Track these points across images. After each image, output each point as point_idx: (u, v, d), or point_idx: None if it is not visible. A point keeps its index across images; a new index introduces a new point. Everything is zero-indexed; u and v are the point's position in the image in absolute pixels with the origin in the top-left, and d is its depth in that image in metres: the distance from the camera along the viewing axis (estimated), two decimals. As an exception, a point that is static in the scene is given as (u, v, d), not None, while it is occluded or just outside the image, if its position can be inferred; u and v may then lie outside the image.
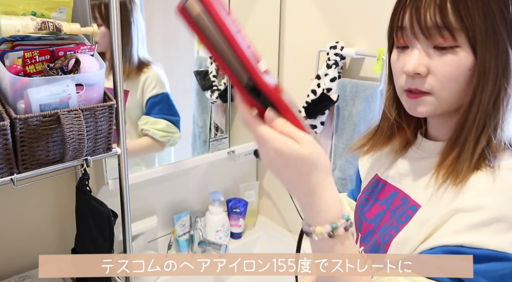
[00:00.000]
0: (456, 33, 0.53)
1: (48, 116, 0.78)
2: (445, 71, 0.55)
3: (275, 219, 1.68)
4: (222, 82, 1.47)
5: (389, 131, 0.70)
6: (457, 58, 0.54)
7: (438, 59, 0.55)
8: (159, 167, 1.33)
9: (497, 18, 0.53)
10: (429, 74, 0.57)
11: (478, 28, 0.53)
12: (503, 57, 0.54)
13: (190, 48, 1.44)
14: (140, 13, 1.21)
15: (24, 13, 0.83)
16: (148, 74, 1.23)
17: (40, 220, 1.15)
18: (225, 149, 1.49)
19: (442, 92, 0.57)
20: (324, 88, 1.24)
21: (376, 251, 0.64)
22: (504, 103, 0.55)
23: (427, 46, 0.56)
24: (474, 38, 0.53)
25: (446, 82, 0.56)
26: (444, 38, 0.54)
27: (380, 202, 0.69)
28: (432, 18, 0.54)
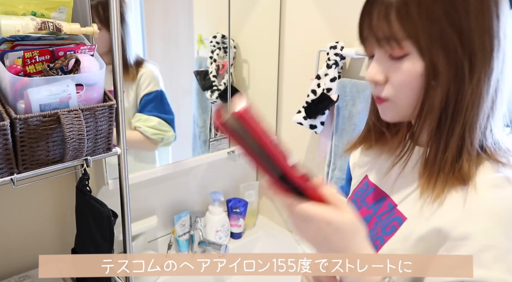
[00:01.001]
0: (402, 42, 0.54)
1: (48, 116, 0.78)
2: (399, 79, 0.56)
3: (275, 219, 1.68)
4: (222, 82, 1.48)
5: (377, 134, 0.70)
6: (409, 65, 0.55)
7: (393, 67, 0.57)
8: (159, 167, 1.33)
9: (443, 21, 0.52)
10: (387, 82, 0.58)
11: (423, 34, 0.53)
12: (455, 60, 0.53)
13: (190, 48, 1.44)
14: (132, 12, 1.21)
15: (24, 13, 0.83)
16: (142, 72, 1.23)
17: (40, 220, 1.15)
18: (225, 149, 1.49)
19: (399, 99, 0.58)
20: (324, 88, 1.24)
21: None
22: (469, 103, 0.54)
23: (384, 55, 0.57)
24: (420, 44, 0.53)
25: (400, 89, 0.57)
26: (393, 48, 0.55)
27: (368, 206, 0.69)
28: (381, 30, 0.55)
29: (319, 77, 1.26)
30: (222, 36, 1.44)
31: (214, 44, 1.44)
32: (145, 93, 1.23)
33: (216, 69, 1.46)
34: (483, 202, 0.52)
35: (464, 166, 0.55)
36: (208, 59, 1.46)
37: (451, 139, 0.55)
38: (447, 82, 0.54)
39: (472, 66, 0.53)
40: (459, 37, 0.52)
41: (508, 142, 0.58)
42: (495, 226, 0.50)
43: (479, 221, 0.51)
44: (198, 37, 1.43)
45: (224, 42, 1.44)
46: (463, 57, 0.53)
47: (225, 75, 1.47)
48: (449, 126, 0.55)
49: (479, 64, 0.53)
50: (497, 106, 0.56)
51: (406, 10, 0.53)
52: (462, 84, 0.53)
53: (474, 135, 0.55)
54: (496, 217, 0.51)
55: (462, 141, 0.55)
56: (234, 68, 1.51)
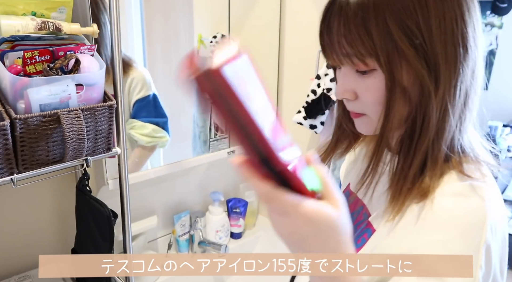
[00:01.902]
0: (365, 59, 0.52)
1: (48, 116, 0.78)
2: (368, 95, 0.54)
3: (275, 219, 1.68)
4: (222, 82, 1.47)
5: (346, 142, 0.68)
6: (375, 81, 0.53)
7: (361, 82, 0.55)
8: (159, 167, 1.33)
9: (402, 36, 0.50)
10: (358, 97, 0.56)
11: (380, 50, 0.50)
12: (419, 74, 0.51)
13: (190, 48, 1.44)
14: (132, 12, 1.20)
15: (24, 13, 0.83)
16: (133, 76, 1.21)
17: (40, 220, 1.15)
18: (225, 149, 1.49)
19: (372, 114, 0.56)
20: (324, 88, 1.24)
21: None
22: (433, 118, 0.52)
23: (350, 70, 0.55)
24: (380, 61, 0.51)
25: (372, 105, 0.55)
26: (357, 64, 0.53)
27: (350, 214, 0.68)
28: (342, 48, 0.53)
29: (319, 77, 1.26)
30: (222, 36, 1.43)
31: (214, 44, 1.44)
32: (137, 98, 1.22)
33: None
34: (441, 213, 0.50)
35: (426, 180, 0.53)
36: (208, 59, 1.45)
37: (416, 153, 0.53)
38: (413, 97, 0.52)
39: (437, 79, 0.51)
40: (421, 51, 0.50)
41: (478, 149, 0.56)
42: (455, 237, 0.49)
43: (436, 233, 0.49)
44: (198, 37, 1.43)
45: (224, 42, 1.44)
46: (427, 70, 0.51)
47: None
48: (416, 141, 0.53)
49: (444, 76, 0.51)
50: (466, 115, 0.54)
51: (365, 27, 0.50)
52: (428, 98, 0.51)
53: (439, 148, 0.53)
54: (455, 228, 0.49)
55: (427, 155, 0.53)
56: (234, 68, 1.51)
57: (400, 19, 0.50)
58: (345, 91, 0.56)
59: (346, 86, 0.56)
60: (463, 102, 0.53)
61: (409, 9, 0.49)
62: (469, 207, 0.50)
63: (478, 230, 0.49)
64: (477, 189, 0.51)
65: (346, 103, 0.59)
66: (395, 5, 0.50)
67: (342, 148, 0.69)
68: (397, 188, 0.54)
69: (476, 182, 0.52)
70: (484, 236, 0.48)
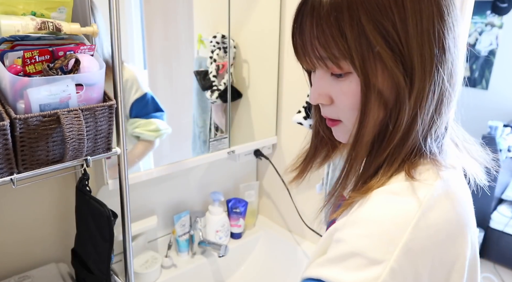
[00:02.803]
0: (339, 62, 0.50)
1: (48, 116, 0.78)
2: (343, 99, 0.53)
3: (275, 219, 1.68)
4: (222, 82, 1.47)
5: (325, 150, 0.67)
6: (351, 85, 0.51)
7: (336, 86, 0.53)
8: (159, 167, 1.33)
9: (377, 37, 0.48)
10: (333, 102, 0.54)
11: (355, 52, 0.48)
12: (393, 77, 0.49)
13: (190, 48, 1.44)
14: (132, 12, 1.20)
15: (24, 13, 0.83)
16: (127, 77, 1.21)
17: (40, 220, 1.15)
18: (225, 149, 1.49)
19: (349, 119, 0.54)
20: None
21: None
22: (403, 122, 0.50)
23: (324, 74, 0.53)
24: (354, 63, 0.49)
25: (347, 110, 0.53)
26: (331, 68, 0.51)
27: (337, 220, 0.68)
28: (315, 50, 0.51)
29: (319, 77, 1.26)
30: (222, 36, 1.43)
31: (214, 44, 1.44)
32: (135, 98, 1.22)
33: (216, 69, 1.46)
34: (368, 208, 0.49)
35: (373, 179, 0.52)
36: (208, 59, 1.45)
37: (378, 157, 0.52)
38: (389, 101, 0.50)
39: (412, 82, 0.49)
40: (397, 53, 0.48)
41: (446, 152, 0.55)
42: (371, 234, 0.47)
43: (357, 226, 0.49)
44: (198, 37, 1.43)
45: (224, 42, 1.44)
46: (403, 74, 0.49)
47: (225, 75, 1.47)
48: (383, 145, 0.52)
49: (419, 79, 0.49)
50: (437, 120, 0.52)
51: (338, 28, 0.48)
52: (402, 102, 0.50)
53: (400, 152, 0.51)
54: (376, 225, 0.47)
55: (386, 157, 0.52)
56: (234, 68, 1.51)
57: (376, 18, 0.47)
58: (319, 95, 0.54)
59: (321, 90, 0.54)
60: (434, 107, 0.51)
61: (384, 8, 0.47)
62: (398, 206, 0.48)
63: (398, 231, 0.46)
64: (416, 189, 0.49)
65: (322, 108, 0.57)
66: (370, 4, 0.47)
67: (321, 157, 0.67)
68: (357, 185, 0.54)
69: (418, 183, 0.50)
70: (404, 238, 0.46)
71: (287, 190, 1.53)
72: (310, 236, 1.52)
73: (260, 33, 1.50)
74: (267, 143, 1.58)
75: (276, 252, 1.56)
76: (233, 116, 1.55)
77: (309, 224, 1.50)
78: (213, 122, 1.53)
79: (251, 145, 1.54)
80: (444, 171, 0.52)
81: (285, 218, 1.64)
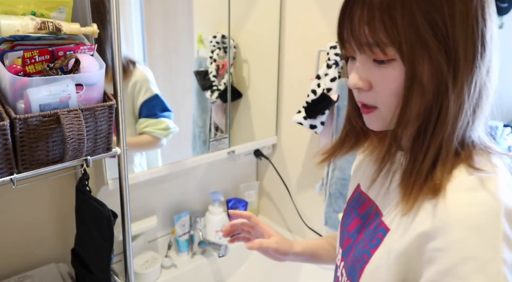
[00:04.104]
0: (386, 49, 0.52)
1: (48, 116, 0.78)
2: (384, 86, 0.54)
3: (275, 219, 1.68)
4: (222, 82, 1.48)
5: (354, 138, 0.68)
6: (393, 72, 0.53)
7: (377, 73, 0.54)
8: (159, 167, 1.33)
9: (427, 28, 0.50)
10: (372, 88, 0.56)
11: (405, 41, 0.50)
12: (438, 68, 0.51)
13: (190, 48, 1.44)
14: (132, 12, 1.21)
15: (23, 13, 0.83)
16: (136, 78, 1.22)
17: (40, 220, 1.15)
18: (225, 149, 1.49)
19: (386, 106, 0.55)
20: (324, 88, 1.24)
21: (353, 273, 0.63)
22: (449, 112, 0.52)
23: (367, 60, 0.55)
24: (402, 52, 0.51)
25: (386, 96, 0.54)
26: (376, 53, 0.53)
27: (360, 216, 0.67)
28: (363, 35, 0.53)
29: (319, 77, 1.26)
30: (222, 36, 1.43)
31: (214, 44, 1.44)
32: (144, 99, 1.23)
33: (216, 69, 1.46)
34: (454, 210, 0.50)
35: (437, 175, 0.53)
36: (208, 59, 1.45)
37: (430, 148, 0.53)
38: (428, 90, 0.52)
39: (455, 74, 0.51)
40: (443, 45, 0.51)
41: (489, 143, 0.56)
42: (471, 235, 0.48)
43: (453, 232, 0.49)
44: (198, 37, 1.43)
45: (224, 42, 1.44)
46: (447, 65, 0.51)
47: (225, 75, 1.47)
48: (430, 136, 0.53)
49: (462, 72, 0.51)
50: (480, 110, 0.54)
51: (390, 16, 0.50)
52: (445, 92, 0.51)
53: (452, 143, 0.53)
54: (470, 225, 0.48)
55: (439, 150, 0.53)
56: (234, 68, 1.51)
57: (427, 10, 0.50)
58: (360, 80, 0.56)
59: (361, 75, 0.56)
60: (477, 97, 0.53)
61: (436, 2, 0.50)
62: (481, 201, 0.50)
63: (493, 224, 0.48)
64: (486, 181, 0.51)
65: (358, 94, 0.58)
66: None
67: (348, 145, 0.69)
68: (409, 184, 0.54)
69: (484, 174, 0.52)
70: (501, 228, 0.48)
71: (287, 190, 1.53)
72: (310, 236, 1.52)
73: (260, 33, 1.50)
74: (267, 143, 1.58)
75: (276, 252, 1.56)
76: (233, 116, 1.55)
77: (309, 224, 1.50)
78: (213, 122, 1.53)
79: (251, 145, 1.54)
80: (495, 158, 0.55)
81: (285, 218, 1.64)
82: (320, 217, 1.41)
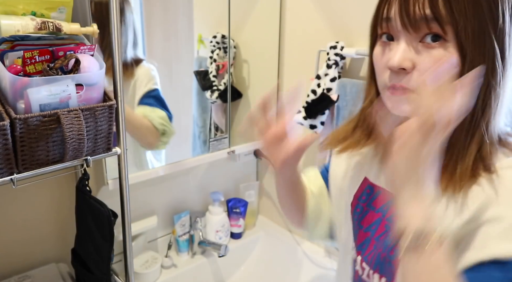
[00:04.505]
0: (445, 26, 0.51)
1: (48, 116, 0.78)
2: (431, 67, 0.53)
3: (275, 219, 1.68)
4: (222, 82, 1.48)
5: (368, 131, 0.68)
6: (443, 54, 0.53)
7: (425, 54, 0.54)
8: (159, 167, 1.33)
9: (486, 15, 0.51)
10: (414, 69, 0.55)
11: (469, 24, 0.51)
12: (490, 55, 0.52)
13: (190, 48, 1.44)
14: (133, 13, 1.21)
15: (24, 13, 0.83)
16: (140, 72, 1.23)
17: (40, 220, 1.15)
18: (225, 149, 1.49)
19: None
20: (324, 88, 1.24)
21: (384, 267, 0.63)
22: (493, 102, 0.54)
23: (414, 40, 0.54)
24: (463, 34, 0.51)
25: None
26: (432, 30, 0.52)
27: (376, 210, 0.67)
28: (421, 9, 0.52)
29: (319, 77, 1.26)
30: (222, 36, 1.43)
31: (214, 44, 1.44)
32: (145, 91, 1.23)
33: (216, 69, 1.46)
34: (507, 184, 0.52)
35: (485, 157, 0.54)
36: (208, 59, 1.45)
37: (475, 135, 0.54)
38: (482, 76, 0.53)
39: (504, 64, 0.53)
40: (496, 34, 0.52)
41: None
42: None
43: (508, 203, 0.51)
44: (198, 37, 1.43)
45: (224, 42, 1.44)
46: (498, 55, 0.52)
47: (225, 75, 1.47)
48: (476, 121, 0.54)
49: (508, 63, 0.53)
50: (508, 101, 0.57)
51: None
52: (493, 81, 0.53)
53: (493, 129, 0.55)
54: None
55: (486, 135, 0.54)
56: (234, 68, 1.51)
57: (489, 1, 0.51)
58: (404, 59, 0.54)
59: (406, 55, 0.55)
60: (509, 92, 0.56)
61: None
62: None
63: None
64: None
65: (395, 76, 0.56)
66: None
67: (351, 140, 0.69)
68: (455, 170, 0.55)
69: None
70: None
71: (287, 190, 1.53)
72: (310, 236, 1.52)
73: (260, 33, 1.50)
74: (267, 143, 1.58)
75: (276, 252, 1.56)
76: (233, 116, 1.55)
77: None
78: (213, 122, 1.53)
79: (251, 145, 1.54)
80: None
81: (285, 218, 1.64)
82: (320, 217, 1.41)
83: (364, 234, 0.69)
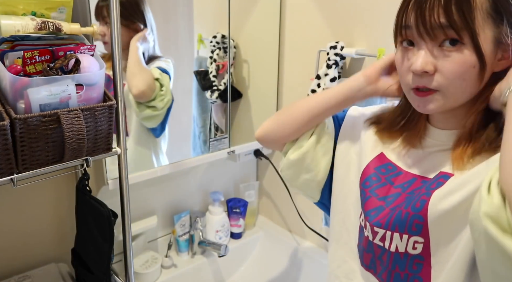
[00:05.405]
0: (461, 32, 0.56)
1: (48, 116, 0.78)
2: (452, 69, 0.58)
3: (275, 219, 1.68)
4: (222, 82, 1.48)
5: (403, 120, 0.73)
6: (462, 56, 0.57)
7: (444, 58, 0.58)
8: (159, 167, 1.33)
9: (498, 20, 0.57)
10: (436, 72, 0.59)
11: (481, 27, 0.56)
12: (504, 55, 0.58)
13: (190, 48, 1.44)
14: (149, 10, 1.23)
15: (24, 13, 0.83)
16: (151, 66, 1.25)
17: (40, 220, 1.15)
18: (225, 149, 1.49)
19: (450, 89, 0.60)
20: (324, 88, 1.24)
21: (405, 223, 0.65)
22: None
23: (432, 46, 0.59)
24: (478, 36, 0.56)
25: (453, 79, 0.59)
26: (449, 36, 0.57)
27: (395, 186, 0.71)
28: (436, 19, 0.56)
29: (319, 77, 1.26)
30: (222, 36, 1.44)
31: (214, 44, 1.44)
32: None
33: (216, 69, 1.46)
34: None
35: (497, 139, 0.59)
36: (208, 59, 1.46)
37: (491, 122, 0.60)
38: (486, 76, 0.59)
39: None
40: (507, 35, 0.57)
41: None
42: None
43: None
44: (198, 37, 1.43)
45: (224, 42, 1.44)
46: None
47: (225, 75, 1.47)
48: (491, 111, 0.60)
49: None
50: None
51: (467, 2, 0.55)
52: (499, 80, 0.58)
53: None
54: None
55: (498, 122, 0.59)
56: (234, 68, 1.51)
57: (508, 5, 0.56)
58: (426, 64, 0.59)
59: (428, 59, 0.59)
60: None
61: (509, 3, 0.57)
62: None
63: None
64: None
65: (419, 79, 0.61)
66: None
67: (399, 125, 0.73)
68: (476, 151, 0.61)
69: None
70: None
71: (287, 190, 1.52)
72: (310, 236, 1.52)
73: (260, 33, 1.50)
74: (267, 143, 1.58)
75: (276, 252, 1.56)
76: (233, 116, 1.55)
77: (309, 224, 1.50)
78: (213, 122, 1.53)
79: (251, 145, 1.54)
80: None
81: (285, 218, 1.64)
82: (320, 217, 1.41)
83: (377, 202, 0.71)
